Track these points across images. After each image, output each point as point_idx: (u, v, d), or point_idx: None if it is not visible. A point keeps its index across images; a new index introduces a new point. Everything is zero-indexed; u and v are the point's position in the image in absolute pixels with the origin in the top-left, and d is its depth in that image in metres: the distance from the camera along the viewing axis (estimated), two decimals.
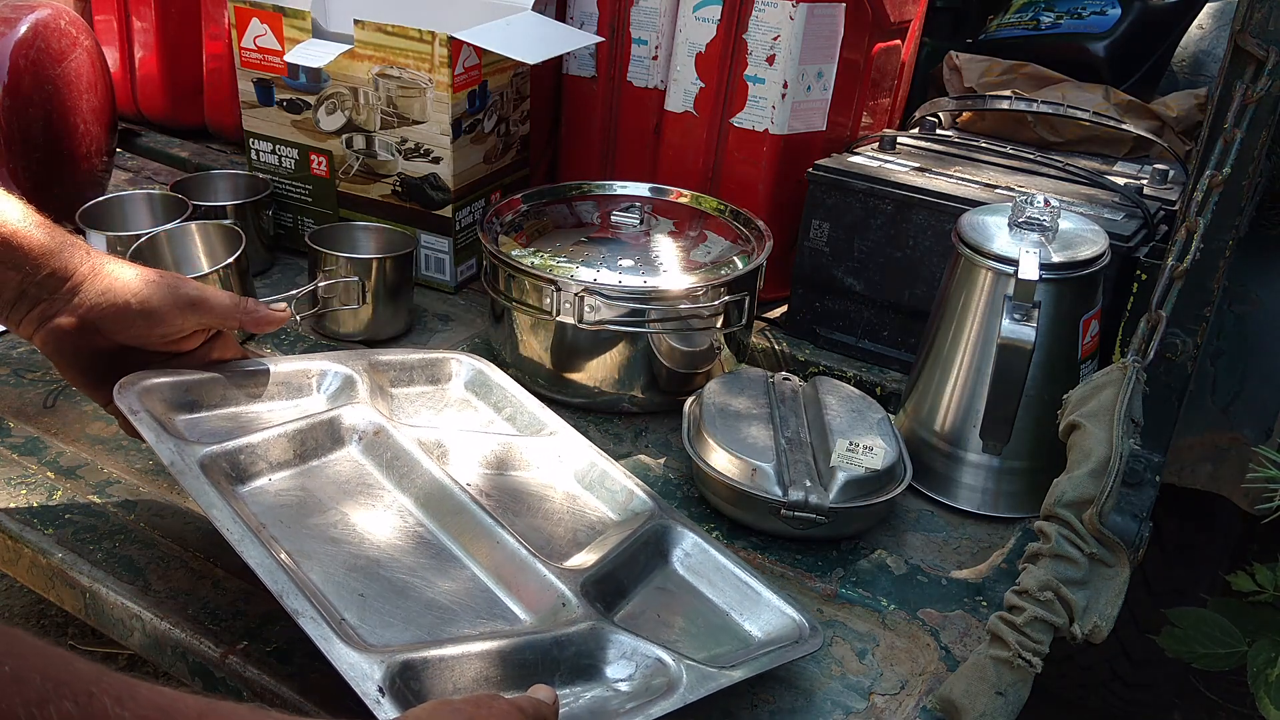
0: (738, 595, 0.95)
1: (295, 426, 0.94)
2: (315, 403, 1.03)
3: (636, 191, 1.45)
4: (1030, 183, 1.37)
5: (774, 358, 1.39)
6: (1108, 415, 0.91)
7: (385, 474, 0.96)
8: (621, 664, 0.82)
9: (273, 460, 0.92)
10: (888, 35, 1.48)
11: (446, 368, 1.15)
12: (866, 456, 1.06)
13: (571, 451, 1.07)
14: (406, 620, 0.81)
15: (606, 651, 0.82)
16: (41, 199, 1.49)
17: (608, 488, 1.04)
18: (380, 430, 0.97)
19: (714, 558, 0.98)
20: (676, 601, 0.95)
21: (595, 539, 0.98)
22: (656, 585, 0.96)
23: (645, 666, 0.82)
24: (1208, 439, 1.40)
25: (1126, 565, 0.88)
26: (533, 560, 0.88)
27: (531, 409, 1.12)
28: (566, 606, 0.85)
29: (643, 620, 0.91)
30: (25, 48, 1.46)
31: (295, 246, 1.55)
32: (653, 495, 1.04)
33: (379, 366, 1.08)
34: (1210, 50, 1.79)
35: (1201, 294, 1.12)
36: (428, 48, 1.37)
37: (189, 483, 0.83)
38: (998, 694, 0.83)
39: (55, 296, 0.91)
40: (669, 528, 1.00)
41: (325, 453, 0.96)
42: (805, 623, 0.92)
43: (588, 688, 0.81)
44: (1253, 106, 1.04)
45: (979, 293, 1.10)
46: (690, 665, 0.82)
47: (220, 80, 1.82)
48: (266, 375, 1.01)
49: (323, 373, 1.04)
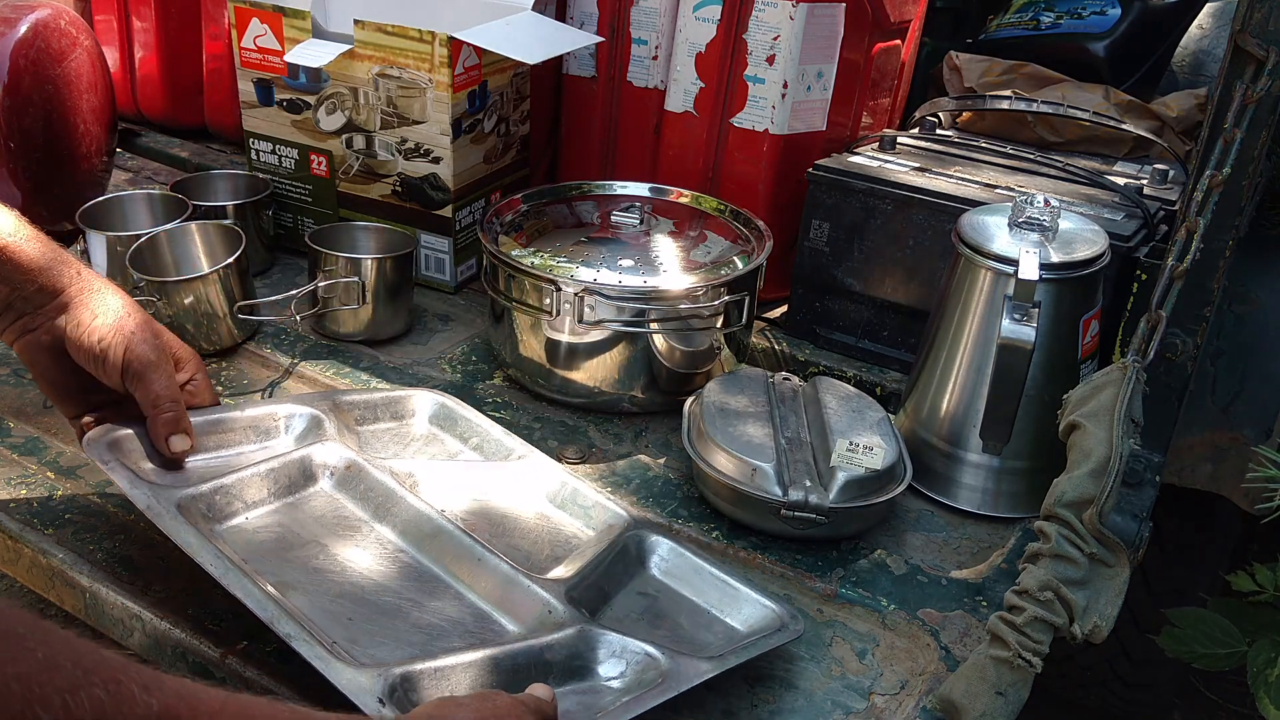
0: (717, 593, 0.97)
1: (268, 466, 0.97)
2: (284, 444, 1.05)
3: (636, 191, 1.45)
4: (1030, 183, 1.37)
5: (774, 358, 1.39)
6: (1108, 415, 0.91)
7: (361, 506, 0.98)
8: (612, 662, 0.84)
9: (248, 500, 0.94)
10: (888, 35, 1.48)
11: (409, 404, 1.17)
12: (866, 456, 1.06)
13: (541, 473, 1.09)
14: (397, 640, 0.82)
15: (597, 652, 0.84)
16: (41, 199, 1.51)
17: (580, 504, 1.06)
18: (352, 464, 1.00)
19: (690, 560, 1.00)
20: (658, 604, 0.97)
21: (572, 553, 1.00)
22: (637, 590, 0.98)
23: (635, 663, 0.84)
24: (1208, 439, 1.40)
25: (1126, 565, 0.88)
26: (516, 574, 0.90)
27: (497, 436, 1.14)
28: (553, 614, 0.87)
29: (627, 623, 0.93)
30: (25, 48, 1.46)
31: (295, 246, 1.55)
32: (624, 506, 1.05)
33: (343, 406, 1.11)
34: (1210, 50, 1.79)
35: (1201, 294, 1.12)
36: (428, 48, 1.37)
37: (167, 524, 0.84)
38: (998, 694, 0.83)
39: (39, 312, 0.93)
40: (644, 536, 1.02)
41: (300, 489, 0.98)
42: (784, 611, 0.94)
43: (580, 688, 0.82)
44: (1253, 106, 1.04)
45: (979, 293, 1.10)
46: (679, 657, 0.84)
47: (220, 80, 1.82)
48: (234, 421, 1.03)
49: (290, 415, 1.07)
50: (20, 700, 0.43)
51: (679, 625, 0.94)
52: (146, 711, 0.48)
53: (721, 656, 0.86)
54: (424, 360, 1.35)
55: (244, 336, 1.35)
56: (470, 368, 1.35)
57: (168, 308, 1.27)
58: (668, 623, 0.94)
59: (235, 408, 1.04)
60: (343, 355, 1.35)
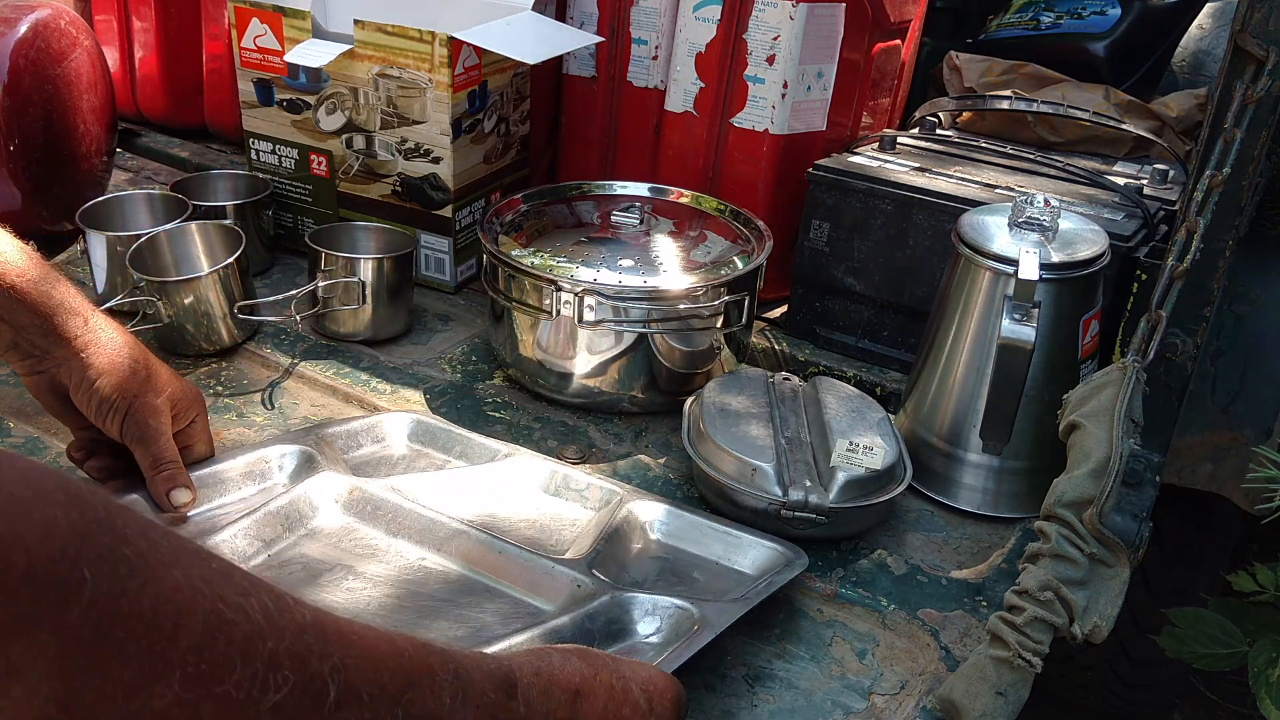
0: (721, 544, 1.03)
1: (276, 504, 1.00)
2: (281, 483, 1.08)
3: (636, 191, 1.45)
4: (1030, 183, 1.37)
5: (774, 358, 1.39)
6: (1108, 415, 0.91)
7: (373, 525, 1.01)
8: (648, 620, 0.90)
9: (266, 538, 0.97)
10: (888, 35, 1.48)
11: (383, 429, 1.19)
12: (866, 456, 1.06)
13: (530, 467, 1.12)
14: (448, 638, 0.85)
15: (631, 613, 0.90)
16: (41, 199, 1.51)
17: (574, 489, 1.10)
18: (354, 489, 1.03)
19: (689, 519, 1.05)
20: (670, 564, 1.01)
21: (580, 533, 1.04)
22: (649, 556, 1.03)
23: (669, 617, 0.89)
24: (1208, 439, 1.40)
25: (1126, 565, 0.88)
26: (538, 559, 0.95)
27: (480, 441, 1.16)
28: (582, 587, 0.92)
29: (647, 585, 0.97)
30: (25, 48, 1.46)
31: (295, 246, 1.55)
32: (616, 483, 1.10)
33: (327, 439, 1.13)
34: (1210, 50, 1.79)
35: (1201, 294, 1.12)
36: (428, 48, 1.37)
37: None
38: (998, 694, 0.83)
39: (45, 358, 0.97)
40: (642, 506, 1.06)
41: (310, 521, 1.01)
42: (786, 549, 1.00)
43: (623, 648, 0.88)
44: (1253, 106, 1.04)
45: (979, 293, 1.10)
46: (708, 604, 0.89)
47: (220, 80, 1.82)
48: (228, 471, 1.07)
49: (281, 455, 1.10)
50: (209, 601, 0.46)
51: (694, 580, 0.99)
52: (302, 620, 0.51)
53: (745, 598, 0.92)
54: (424, 360, 1.35)
55: (244, 336, 1.35)
56: (470, 368, 1.35)
57: (168, 308, 1.27)
58: (684, 579, 0.99)
59: (227, 457, 1.07)
60: (343, 355, 1.35)
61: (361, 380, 1.29)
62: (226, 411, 1.22)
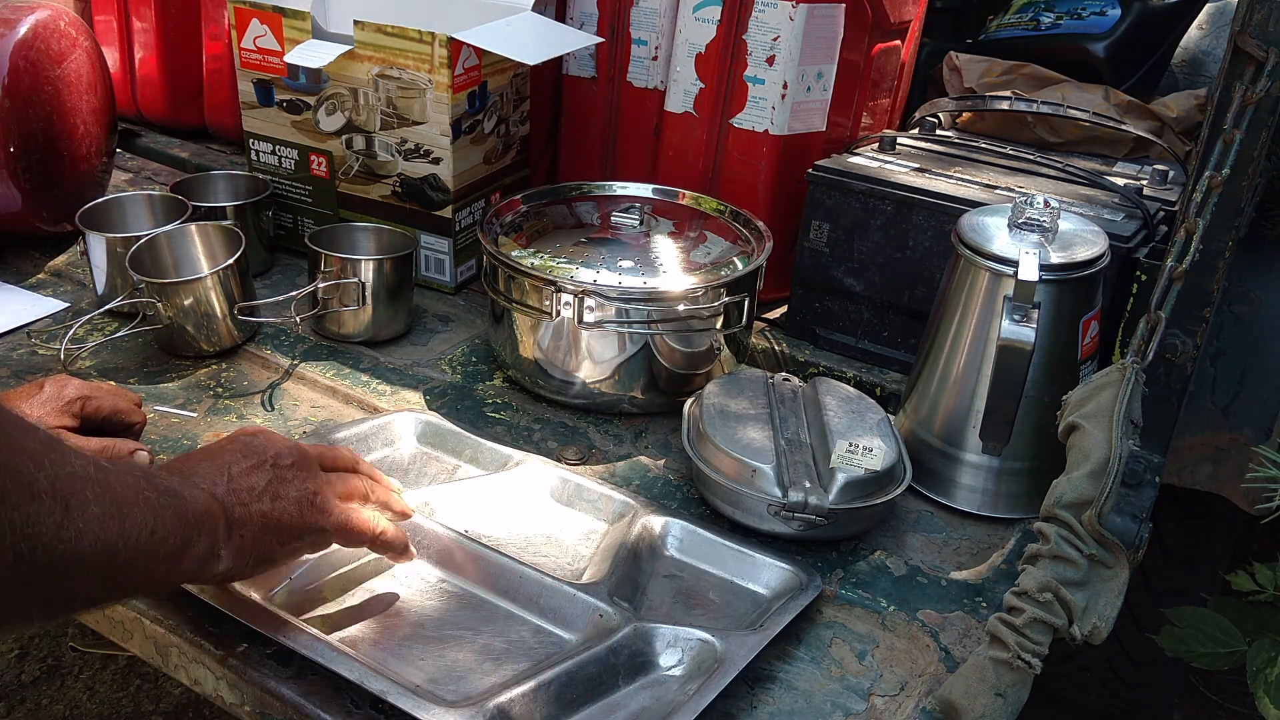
0: (736, 562, 1.03)
1: None
2: None
3: (636, 192, 1.45)
4: (1030, 183, 1.37)
5: (774, 358, 1.39)
6: (1107, 416, 0.91)
7: None
8: (670, 653, 0.90)
9: None
10: (888, 36, 1.48)
11: (392, 429, 1.18)
12: (866, 457, 1.06)
13: (541, 476, 1.12)
14: (469, 669, 0.87)
15: (654, 645, 0.90)
16: (41, 200, 1.51)
17: (586, 499, 1.10)
18: None
19: (703, 536, 1.05)
20: (685, 583, 1.01)
21: (595, 548, 1.03)
22: (664, 574, 1.02)
23: (691, 649, 0.90)
24: (1208, 439, 1.40)
25: (1126, 566, 0.88)
26: (559, 585, 0.95)
27: (490, 445, 1.16)
28: (604, 618, 0.91)
29: (665, 609, 0.97)
30: (25, 48, 1.46)
31: (295, 247, 1.55)
32: (628, 493, 1.09)
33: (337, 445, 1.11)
34: (1210, 50, 1.79)
35: (1201, 295, 1.11)
36: (428, 48, 1.37)
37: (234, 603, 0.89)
38: (997, 695, 0.83)
39: None
40: (657, 521, 1.05)
41: None
42: (801, 570, 1.00)
43: (646, 681, 0.88)
44: (1252, 107, 1.04)
45: (979, 293, 1.10)
46: (728, 636, 0.90)
47: (220, 80, 1.82)
48: None
49: None
50: None
51: (710, 601, 0.99)
52: None
53: (763, 627, 0.92)
54: (424, 361, 1.35)
55: (244, 338, 1.35)
56: (470, 368, 1.35)
57: (167, 309, 1.27)
58: (700, 600, 0.99)
59: None
60: (343, 356, 1.35)
61: (361, 381, 1.29)
62: (226, 413, 1.22)
